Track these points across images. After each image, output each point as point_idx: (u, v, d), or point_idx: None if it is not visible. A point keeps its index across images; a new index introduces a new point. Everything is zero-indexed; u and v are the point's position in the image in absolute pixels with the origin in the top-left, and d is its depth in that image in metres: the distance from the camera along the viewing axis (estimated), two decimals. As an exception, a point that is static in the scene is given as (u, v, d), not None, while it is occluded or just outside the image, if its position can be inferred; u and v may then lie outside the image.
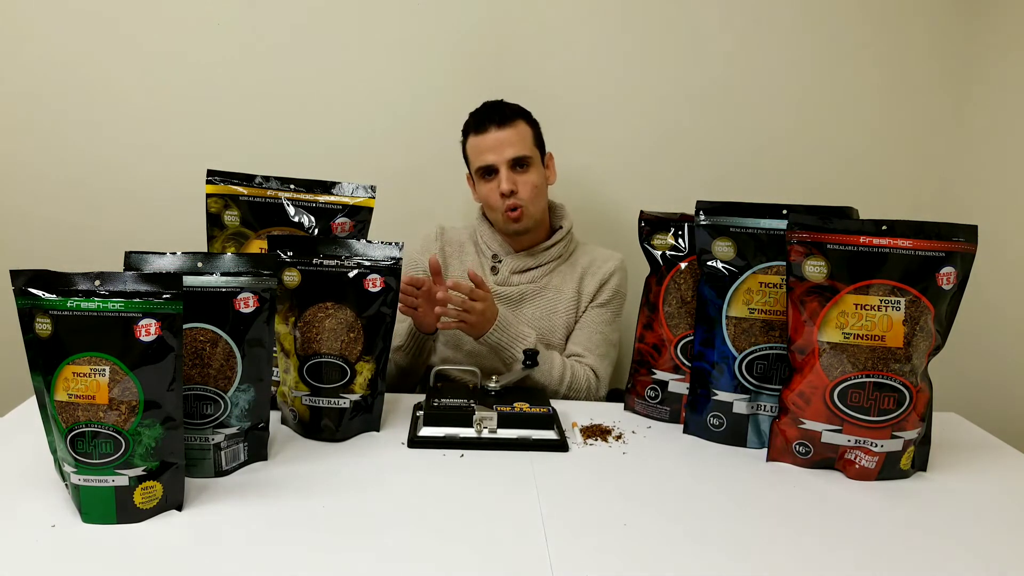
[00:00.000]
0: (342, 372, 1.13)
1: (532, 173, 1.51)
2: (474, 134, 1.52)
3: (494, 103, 1.55)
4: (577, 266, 1.59)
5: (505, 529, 0.90)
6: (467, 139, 1.56)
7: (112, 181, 1.85)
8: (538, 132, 1.57)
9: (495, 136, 1.49)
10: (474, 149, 1.53)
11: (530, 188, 1.50)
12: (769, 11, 1.82)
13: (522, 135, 1.51)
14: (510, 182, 1.48)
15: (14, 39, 1.78)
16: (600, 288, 1.56)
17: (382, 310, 1.15)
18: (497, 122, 1.49)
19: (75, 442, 0.85)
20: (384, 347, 1.17)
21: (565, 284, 1.56)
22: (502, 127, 1.49)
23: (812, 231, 1.07)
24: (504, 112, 1.51)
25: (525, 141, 1.51)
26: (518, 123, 1.51)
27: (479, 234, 1.61)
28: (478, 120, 1.52)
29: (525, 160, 1.50)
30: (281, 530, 0.88)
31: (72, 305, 0.84)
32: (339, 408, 1.14)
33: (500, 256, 1.58)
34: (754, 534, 0.91)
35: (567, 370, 1.44)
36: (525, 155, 1.50)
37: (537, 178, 1.52)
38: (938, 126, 1.88)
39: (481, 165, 1.51)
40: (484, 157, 1.50)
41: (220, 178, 1.25)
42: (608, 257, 1.60)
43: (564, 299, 1.55)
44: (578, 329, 1.56)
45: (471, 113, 1.56)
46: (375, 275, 1.13)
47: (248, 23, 1.79)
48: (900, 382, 1.04)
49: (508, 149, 1.48)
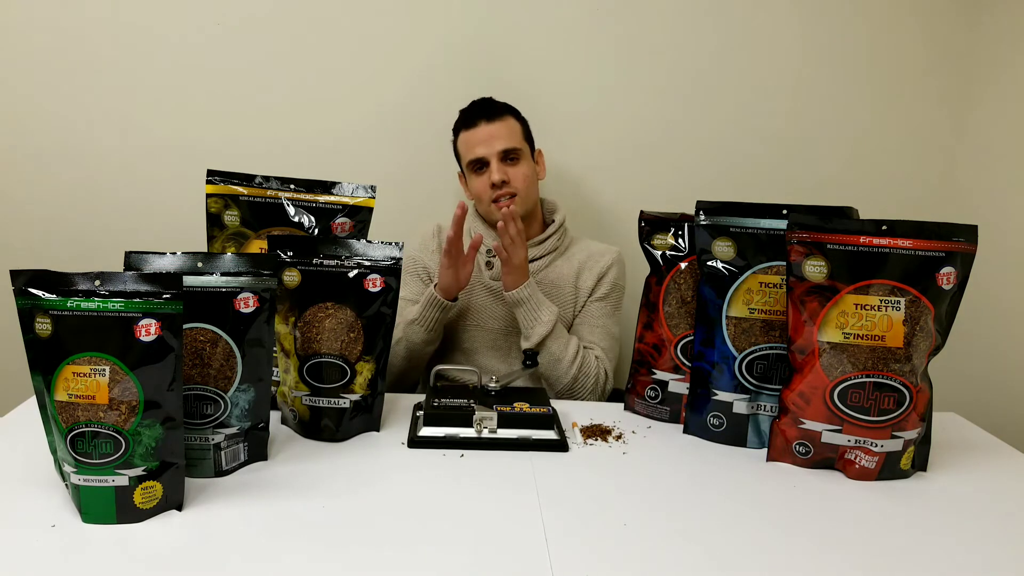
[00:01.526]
0: (342, 372, 1.13)
1: (522, 165, 1.53)
2: (464, 130, 1.55)
3: (483, 100, 1.59)
4: (573, 260, 1.59)
5: (505, 529, 0.90)
6: (457, 136, 1.58)
7: (112, 181, 1.85)
8: (527, 128, 1.61)
9: (485, 130, 1.51)
10: (464, 144, 1.55)
11: (521, 178, 1.52)
12: (769, 10, 1.82)
13: (511, 129, 1.54)
14: (501, 172, 1.50)
15: (14, 39, 1.78)
16: (599, 282, 1.57)
17: (382, 310, 1.15)
18: (486, 117, 1.52)
19: (75, 442, 0.85)
20: (384, 347, 1.17)
21: (561, 279, 1.57)
22: (491, 121, 1.51)
23: (812, 231, 1.07)
24: (493, 107, 1.55)
25: (515, 134, 1.54)
26: (507, 118, 1.54)
27: (473, 231, 1.61)
28: (467, 116, 1.55)
29: (515, 152, 1.52)
30: (281, 530, 0.87)
31: (72, 305, 0.84)
32: (339, 408, 1.14)
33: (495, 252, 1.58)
34: (754, 534, 0.91)
35: (580, 351, 1.45)
36: (515, 147, 1.52)
37: (528, 170, 1.54)
38: (938, 126, 1.88)
39: (472, 159, 1.53)
40: (474, 151, 1.52)
41: (220, 178, 1.25)
42: (604, 251, 1.61)
43: (561, 293, 1.55)
44: (579, 324, 1.56)
45: (461, 111, 1.59)
46: (375, 275, 1.13)
47: (248, 23, 1.79)
48: (900, 382, 1.04)
49: (498, 142, 1.51)
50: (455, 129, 1.59)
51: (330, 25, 1.80)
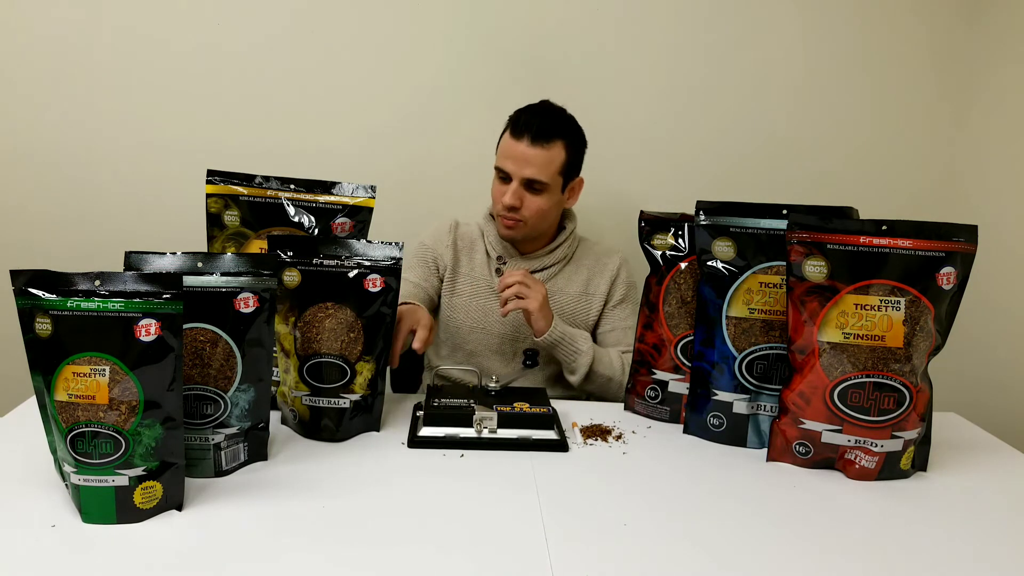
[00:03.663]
0: (342, 372, 1.13)
1: (543, 198, 1.46)
2: (510, 133, 1.46)
3: (544, 111, 1.47)
4: (581, 267, 1.59)
5: (505, 529, 0.90)
6: (504, 132, 1.49)
7: (112, 181, 1.85)
8: (574, 156, 1.49)
9: (524, 150, 1.42)
10: (503, 147, 1.48)
11: (535, 210, 1.46)
12: (769, 10, 1.82)
13: (551, 159, 1.43)
14: (515, 197, 1.44)
15: (15, 39, 1.78)
16: (612, 286, 1.57)
17: (382, 310, 1.15)
18: (533, 137, 1.42)
19: (75, 442, 0.85)
20: (385, 347, 1.17)
21: (570, 285, 1.56)
22: (535, 144, 1.42)
23: (812, 231, 1.07)
24: (546, 128, 1.43)
25: (550, 166, 1.44)
26: (555, 144, 1.43)
27: (485, 233, 1.60)
28: (519, 123, 1.45)
29: (540, 184, 1.44)
30: (281, 530, 0.87)
31: (72, 305, 0.84)
32: (339, 408, 1.14)
33: (505, 258, 1.58)
34: (754, 534, 0.91)
35: (617, 358, 1.46)
36: (542, 181, 1.43)
37: (546, 203, 1.47)
38: (938, 126, 1.88)
39: (499, 167, 1.48)
40: (505, 163, 1.46)
41: (220, 178, 1.25)
42: (609, 252, 1.61)
43: (569, 298, 1.55)
44: (607, 332, 1.56)
45: (520, 109, 1.48)
46: (375, 275, 1.13)
47: (248, 23, 1.79)
48: (900, 382, 1.04)
49: (527, 168, 1.43)
50: (507, 124, 1.49)
51: (331, 24, 1.80)
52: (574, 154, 1.49)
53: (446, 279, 1.57)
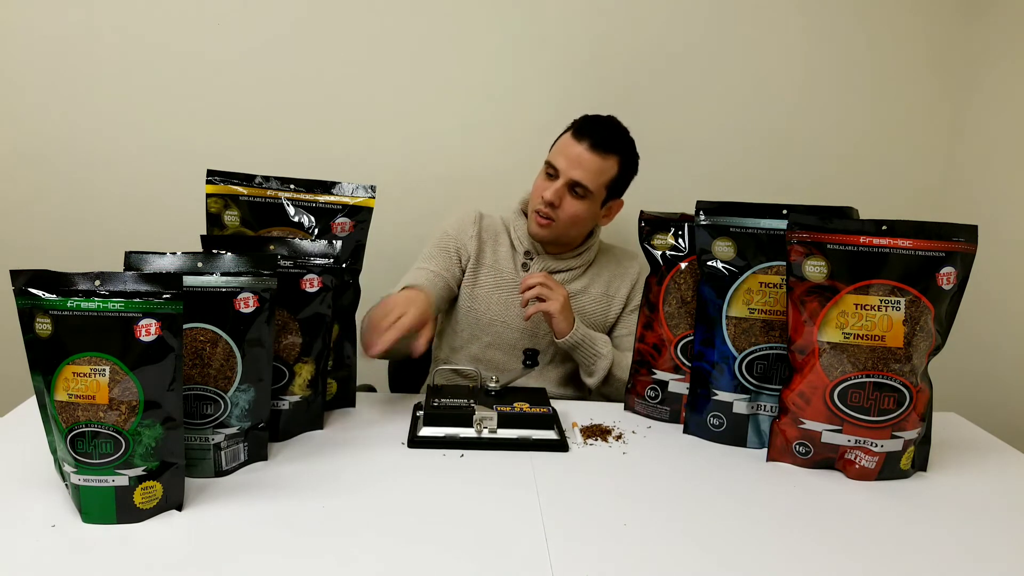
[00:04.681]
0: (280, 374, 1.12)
1: (582, 204, 1.45)
2: (571, 134, 1.47)
3: (610, 124, 1.49)
4: (604, 270, 1.59)
5: (505, 529, 0.90)
6: (565, 132, 1.50)
7: (112, 181, 1.85)
8: (624, 176, 1.50)
9: (580, 152, 1.43)
10: (559, 145, 1.48)
11: (570, 215, 1.46)
12: (769, 10, 1.82)
13: (603, 169, 1.44)
14: (556, 195, 1.44)
15: (15, 39, 1.78)
16: (632, 290, 1.58)
17: (320, 311, 1.14)
18: (593, 143, 1.43)
19: (75, 442, 0.85)
20: (324, 348, 1.16)
21: (592, 286, 1.57)
22: (593, 150, 1.42)
23: (812, 231, 1.07)
24: (607, 140, 1.44)
25: (600, 176, 1.44)
26: (610, 157, 1.44)
27: (514, 227, 1.59)
28: (583, 128, 1.46)
29: (584, 190, 1.44)
30: (281, 530, 0.87)
31: (72, 305, 0.84)
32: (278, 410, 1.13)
33: (532, 254, 1.57)
34: (754, 534, 0.91)
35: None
36: (586, 186, 1.43)
37: (583, 211, 1.46)
38: (938, 126, 1.88)
39: (551, 162, 1.47)
40: (557, 159, 1.46)
41: (220, 178, 1.25)
42: (629, 256, 1.62)
43: (590, 299, 1.56)
44: (622, 336, 1.56)
45: (587, 116, 1.50)
46: (312, 275, 1.12)
47: (248, 23, 1.79)
48: (900, 382, 1.04)
49: (578, 171, 1.42)
50: (571, 124, 1.50)
51: (332, 24, 1.80)
52: (625, 174, 1.49)
53: (468, 269, 1.55)
